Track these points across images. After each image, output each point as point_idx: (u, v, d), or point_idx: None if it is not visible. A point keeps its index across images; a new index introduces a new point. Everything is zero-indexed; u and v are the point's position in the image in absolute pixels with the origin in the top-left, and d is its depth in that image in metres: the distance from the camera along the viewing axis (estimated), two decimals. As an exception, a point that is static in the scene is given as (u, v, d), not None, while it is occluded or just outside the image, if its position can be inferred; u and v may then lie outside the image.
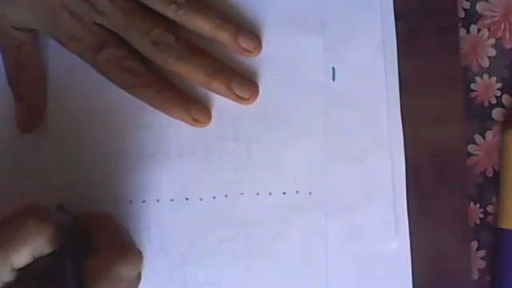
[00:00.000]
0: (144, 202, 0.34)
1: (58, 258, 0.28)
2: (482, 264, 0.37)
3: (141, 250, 0.29)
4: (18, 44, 0.33)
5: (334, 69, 0.35)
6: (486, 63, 0.36)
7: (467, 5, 0.36)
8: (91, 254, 0.27)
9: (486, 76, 0.37)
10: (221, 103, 0.34)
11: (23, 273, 0.27)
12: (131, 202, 0.34)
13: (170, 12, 0.32)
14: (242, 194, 0.34)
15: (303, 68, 0.35)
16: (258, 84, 0.34)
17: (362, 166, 0.35)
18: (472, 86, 0.37)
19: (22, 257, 0.26)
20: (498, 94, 0.37)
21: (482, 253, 0.37)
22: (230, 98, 0.34)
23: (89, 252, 0.28)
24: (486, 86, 0.37)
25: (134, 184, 0.35)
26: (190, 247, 0.34)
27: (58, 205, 0.34)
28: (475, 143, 0.37)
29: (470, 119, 0.36)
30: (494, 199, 0.37)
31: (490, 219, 0.37)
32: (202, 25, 0.33)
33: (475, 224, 0.37)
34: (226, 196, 0.34)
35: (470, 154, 0.36)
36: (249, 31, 0.34)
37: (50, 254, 0.28)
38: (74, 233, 0.29)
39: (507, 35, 0.36)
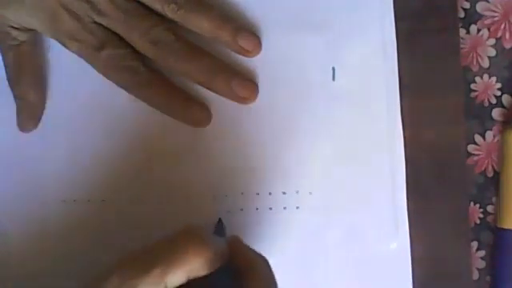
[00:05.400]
0: (143, 202, 0.34)
1: (211, 281, 0.27)
2: (482, 264, 0.37)
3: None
4: (17, 44, 0.33)
5: (333, 69, 0.35)
6: (486, 63, 0.36)
7: (467, 5, 0.36)
8: None
9: (485, 76, 0.37)
10: (221, 103, 0.34)
11: None
12: (130, 202, 0.35)
13: (169, 12, 0.32)
14: (242, 193, 0.34)
15: (303, 68, 0.35)
16: (257, 84, 0.34)
17: (362, 166, 0.35)
18: (472, 86, 0.37)
19: (177, 277, 0.26)
20: (498, 93, 0.36)
21: (482, 253, 0.37)
22: (229, 98, 0.34)
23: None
24: (486, 86, 0.37)
25: (134, 184, 0.35)
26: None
27: (217, 220, 0.33)
28: (475, 143, 0.37)
29: (469, 119, 0.36)
30: (493, 199, 0.37)
31: (490, 219, 0.37)
32: (201, 25, 0.33)
33: (475, 224, 0.37)
34: (226, 196, 0.34)
35: (469, 154, 0.36)
36: (248, 31, 0.34)
37: (203, 277, 0.27)
38: (230, 261, 0.28)
39: (507, 35, 0.36)
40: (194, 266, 0.26)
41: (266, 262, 0.29)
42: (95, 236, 0.35)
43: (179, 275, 0.26)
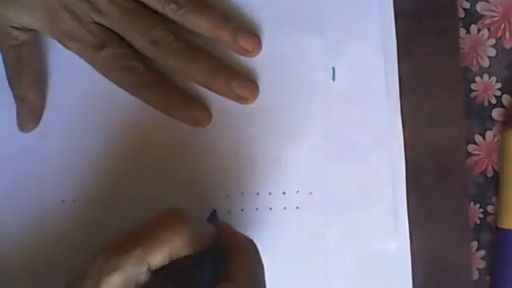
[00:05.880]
0: (143, 202, 0.34)
1: (195, 263, 0.28)
2: (482, 264, 0.37)
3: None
4: (18, 44, 0.33)
5: (333, 69, 0.35)
6: (486, 63, 0.37)
7: (467, 5, 0.36)
8: (222, 279, 0.27)
9: (486, 76, 0.37)
10: (221, 103, 0.34)
11: (158, 276, 0.28)
12: (130, 202, 0.34)
13: (169, 12, 0.32)
14: (242, 193, 0.34)
15: (303, 68, 0.35)
16: (258, 84, 0.34)
17: (362, 166, 0.35)
18: (472, 86, 0.37)
19: (159, 257, 0.27)
20: (498, 93, 0.37)
21: (482, 253, 0.37)
22: (230, 98, 0.34)
23: (222, 271, 0.28)
24: (486, 86, 0.37)
25: (134, 184, 0.35)
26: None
27: (212, 211, 0.34)
28: (475, 143, 0.37)
29: (470, 119, 0.36)
30: (494, 199, 0.37)
31: (490, 219, 0.37)
32: (201, 25, 0.33)
33: (475, 224, 0.37)
34: (227, 196, 0.34)
35: (470, 154, 0.36)
36: (248, 31, 0.34)
37: (186, 258, 0.28)
38: (215, 244, 0.29)
39: (507, 35, 0.36)
40: (174, 246, 0.27)
41: (252, 243, 0.29)
42: (95, 236, 0.34)
43: (161, 255, 0.27)
